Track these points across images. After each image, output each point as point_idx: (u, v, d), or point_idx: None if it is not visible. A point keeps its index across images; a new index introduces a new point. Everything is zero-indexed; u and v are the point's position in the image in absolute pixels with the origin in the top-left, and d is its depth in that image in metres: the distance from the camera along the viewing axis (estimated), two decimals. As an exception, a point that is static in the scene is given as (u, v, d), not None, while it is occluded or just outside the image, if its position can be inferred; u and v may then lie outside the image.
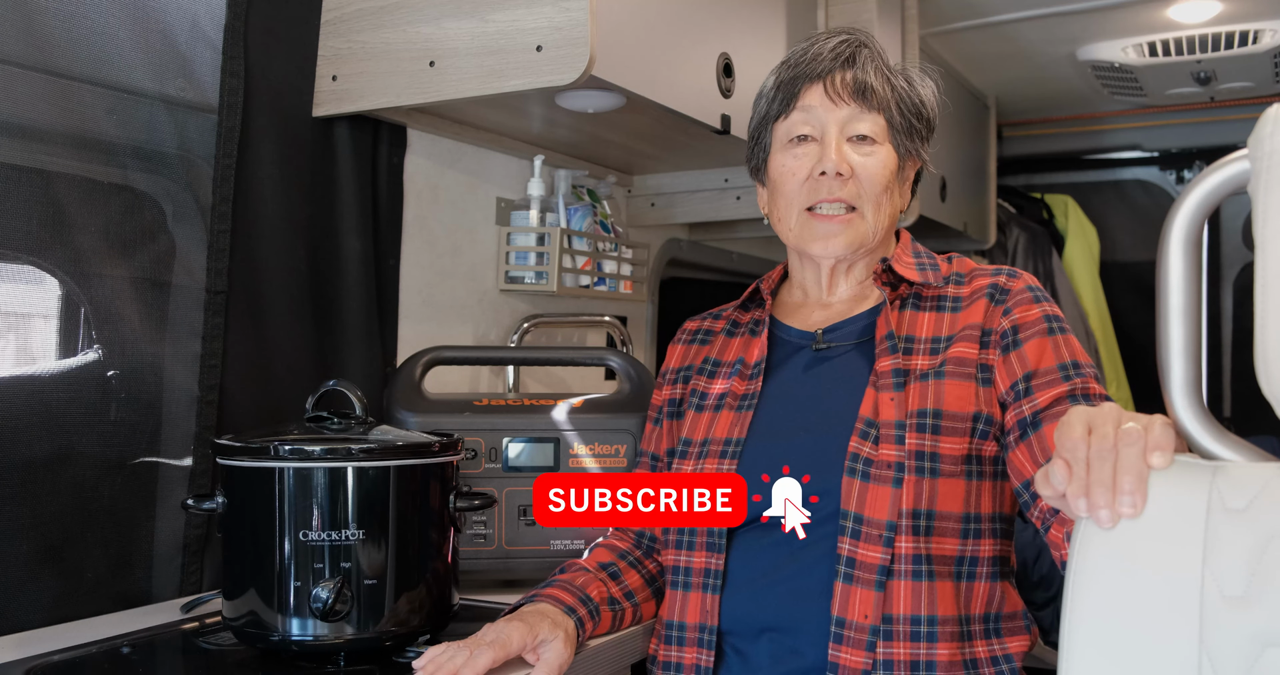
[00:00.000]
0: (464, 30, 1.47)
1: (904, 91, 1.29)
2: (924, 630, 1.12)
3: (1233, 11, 2.45)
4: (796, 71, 1.28)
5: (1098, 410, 0.85)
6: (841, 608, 1.13)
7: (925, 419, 1.16)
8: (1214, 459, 0.82)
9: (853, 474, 1.16)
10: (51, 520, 1.26)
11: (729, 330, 1.40)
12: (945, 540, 1.15)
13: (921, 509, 1.14)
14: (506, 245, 1.92)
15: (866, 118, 1.26)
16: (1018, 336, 1.19)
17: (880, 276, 1.27)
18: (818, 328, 1.30)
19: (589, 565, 1.29)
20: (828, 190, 1.25)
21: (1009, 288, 1.24)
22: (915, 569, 1.13)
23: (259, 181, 1.49)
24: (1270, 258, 0.76)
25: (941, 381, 1.19)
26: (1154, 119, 3.45)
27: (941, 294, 1.27)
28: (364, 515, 1.11)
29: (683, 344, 1.43)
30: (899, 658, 1.11)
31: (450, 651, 1.05)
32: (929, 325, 1.25)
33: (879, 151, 1.26)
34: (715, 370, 1.35)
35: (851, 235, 1.26)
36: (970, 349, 1.20)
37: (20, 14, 1.24)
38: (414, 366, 1.53)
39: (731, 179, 2.19)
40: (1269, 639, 0.73)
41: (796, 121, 1.28)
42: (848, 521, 1.14)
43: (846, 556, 1.14)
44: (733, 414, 1.28)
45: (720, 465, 1.24)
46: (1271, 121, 0.78)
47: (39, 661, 1.10)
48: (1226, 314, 3.52)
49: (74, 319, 1.34)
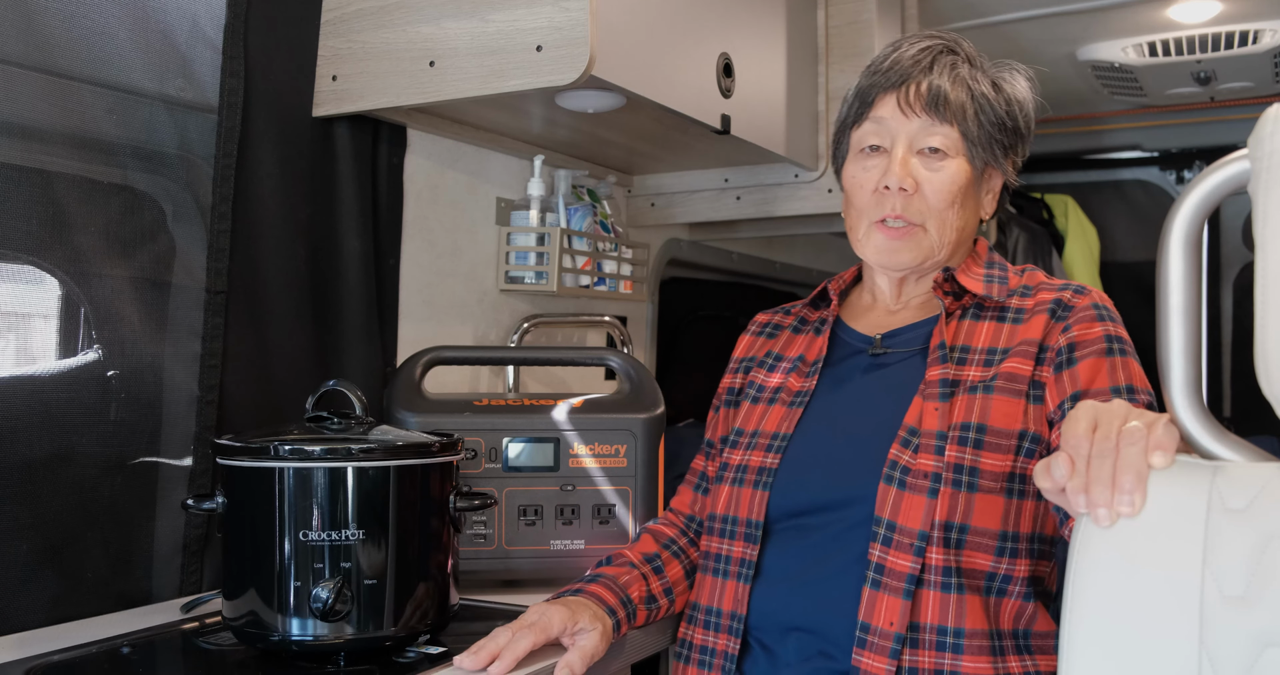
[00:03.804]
0: (464, 30, 1.47)
1: (986, 100, 1.25)
2: (950, 641, 1.11)
3: (1233, 11, 2.45)
4: (874, 79, 1.27)
5: (1105, 407, 0.85)
6: (867, 613, 1.12)
7: (968, 432, 1.15)
8: (1214, 459, 0.82)
9: (889, 481, 1.15)
10: (51, 520, 1.26)
11: (795, 327, 1.40)
12: (978, 555, 1.13)
13: (955, 522, 1.13)
14: (506, 245, 1.92)
15: (939, 130, 1.23)
16: (1073, 354, 1.17)
17: (942, 286, 1.26)
18: (879, 333, 1.30)
19: (634, 557, 1.31)
20: (891, 206, 1.24)
21: (1072, 304, 1.21)
22: (945, 581, 1.12)
23: (259, 181, 1.49)
24: (1270, 258, 0.76)
25: (990, 396, 1.17)
26: (1154, 119, 3.45)
27: (1004, 305, 1.25)
28: (364, 515, 1.11)
29: (750, 335, 1.44)
30: (924, 666, 1.11)
31: (494, 633, 1.11)
32: (987, 336, 1.23)
33: (949, 166, 1.24)
34: (775, 364, 1.36)
35: (914, 251, 1.25)
36: (1024, 365, 1.18)
37: (20, 14, 1.24)
38: (414, 366, 1.53)
39: (731, 179, 2.19)
40: (1269, 639, 0.73)
41: (868, 131, 1.27)
42: (880, 528, 1.14)
43: (876, 563, 1.13)
44: (784, 409, 1.29)
45: (765, 459, 1.25)
46: (1271, 121, 0.78)
47: (39, 661, 1.10)
48: (1226, 314, 3.52)
49: (74, 319, 1.34)
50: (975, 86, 1.25)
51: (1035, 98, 1.31)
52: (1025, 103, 1.30)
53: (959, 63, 1.26)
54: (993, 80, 1.28)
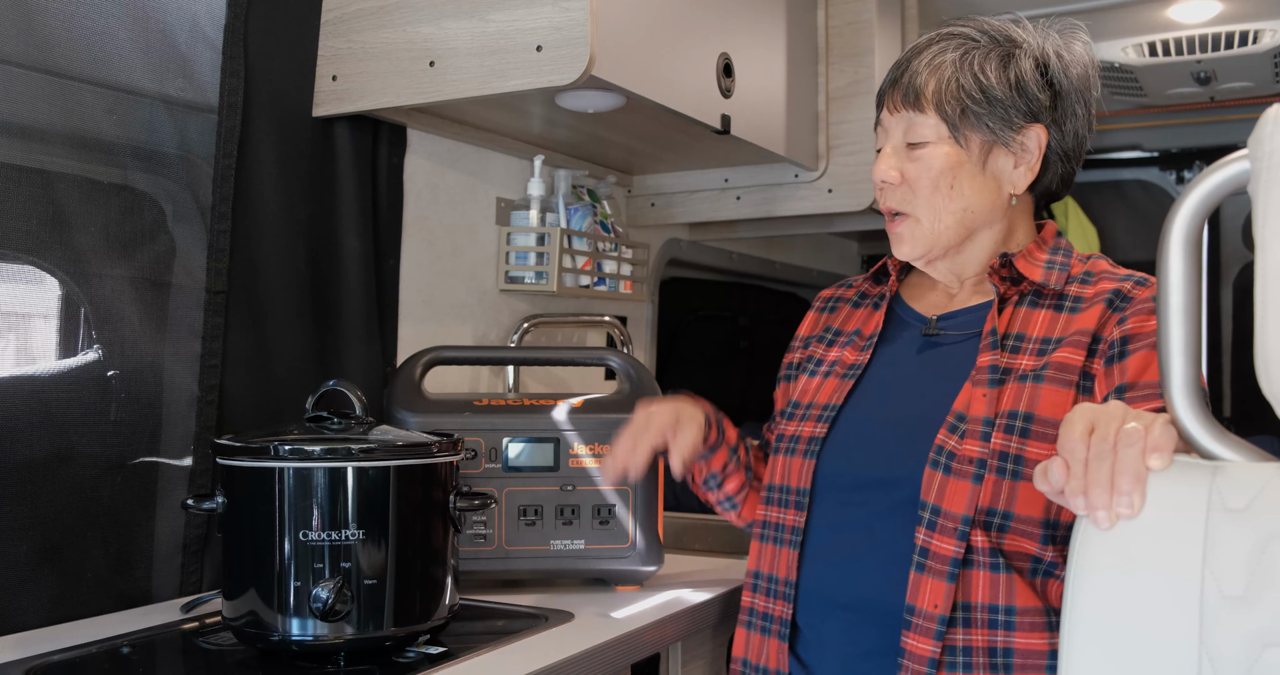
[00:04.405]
0: (464, 30, 1.47)
1: (972, 80, 1.22)
2: (1001, 618, 1.12)
3: (1233, 11, 2.45)
4: (882, 84, 1.31)
5: (1102, 408, 0.85)
6: (913, 595, 1.14)
7: (1015, 421, 1.15)
8: (1214, 459, 0.82)
9: (935, 466, 1.16)
10: (51, 520, 1.26)
11: (855, 301, 1.41)
12: (1022, 540, 1.13)
13: (998, 508, 1.13)
14: (506, 245, 1.92)
15: (919, 121, 1.24)
16: (1126, 347, 1.15)
17: (998, 272, 1.25)
18: (936, 313, 1.30)
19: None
20: (885, 199, 1.28)
21: (1131, 295, 1.19)
22: (993, 562, 1.13)
23: (259, 181, 1.49)
24: (1270, 258, 0.76)
25: (1039, 385, 1.16)
26: (1154, 119, 3.44)
27: (1063, 293, 1.24)
28: (364, 515, 1.11)
29: (814, 311, 1.46)
30: (976, 644, 1.12)
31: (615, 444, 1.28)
32: (1043, 324, 1.22)
33: (928, 153, 1.24)
34: (834, 339, 1.37)
35: (912, 241, 1.26)
36: (1076, 355, 1.17)
37: (20, 14, 1.24)
38: (414, 366, 1.53)
39: (731, 179, 2.19)
40: (1269, 639, 0.73)
41: (879, 134, 1.31)
42: (925, 512, 1.15)
43: (921, 546, 1.14)
44: (836, 380, 1.31)
45: (815, 429, 1.27)
46: (1271, 121, 0.78)
47: (39, 661, 1.10)
48: (1226, 314, 3.52)
49: (74, 319, 1.34)
50: (957, 71, 1.23)
51: (1067, 51, 1.26)
52: (1044, 60, 1.25)
53: (947, 50, 1.25)
54: (1001, 55, 1.24)
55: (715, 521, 2.21)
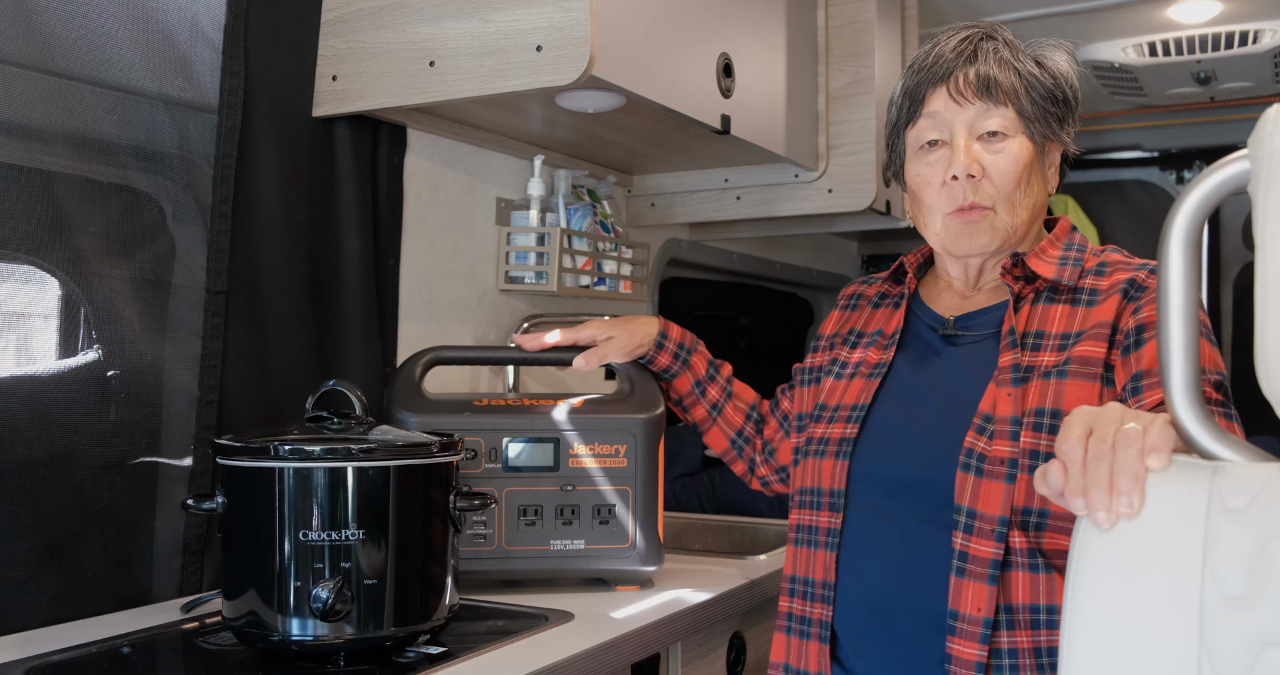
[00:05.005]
0: (464, 30, 1.47)
1: (1033, 77, 1.26)
2: (1044, 618, 1.12)
3: (1233, 11, 2.45)
4: (920, 77, 1.28)
5: (1101, 410, 0.85)
6: (955, 600, 1.13)
7: (1043, 418, 1.15)
8: (1214, 459, 0.82)
9: (966, 469, 1.16)
10: (51, 520, 1.26)
11: (876, 301, 1.41)
12: (1059, 537, 1.13)
13: (1034, 507, 1.13)
14: (506, 245, 1.92)
15: (995, 113, 1.24)
16: (1141, 335, 1.15)
17: (1011, 271, 1.25)
18: (953, 315, 1.30)
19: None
20: (962, 195, 1.24)
21: (1146, 285, 1.19)
22: (1032, 562, 1.12)
23: (259, 181, 1.49)
24: (1270, 258, 0.76)
25: (1063, 381, 1.16)
26: (1154, 119, 3.44)
27: (1078, 287, 1.24)
28: (364, 515, 1.11)
29: (838, 309, 1.46)
30: (1022, 646, 1.11)
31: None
32: (1061, 320, 1.22)
33: (1010, 146, 1.24)
34: (857, 341, 1.37)
35: (989, 233, 1.24)
36: (1098, 348, 1.17)
37: (20, 14, 1.24)
38: (414, 366, 1.52)
39: (731, 179, 2.19)
40: (1269, 639, 0.73)
41: (924, 128, 1.27)
42: (960, 516, 1.15)
43: (959, 550, 1.14)
44: (862, 381, 1.31)
45: (845, 430, 1.27)
46: (1271, 121, 0.77)
47: (39, 661, 1.10)
48: (1226, 314, 3.52)
49: (74, 319, 1.34)
50: (1020, 66, 1.26)
51: (1077, 69, 1.32)
52: (1069, 75, 1.30)
53: (999, 47, 1.26)
54: (1035, 58, 1.28)
55: (715, 521, 2.21)
